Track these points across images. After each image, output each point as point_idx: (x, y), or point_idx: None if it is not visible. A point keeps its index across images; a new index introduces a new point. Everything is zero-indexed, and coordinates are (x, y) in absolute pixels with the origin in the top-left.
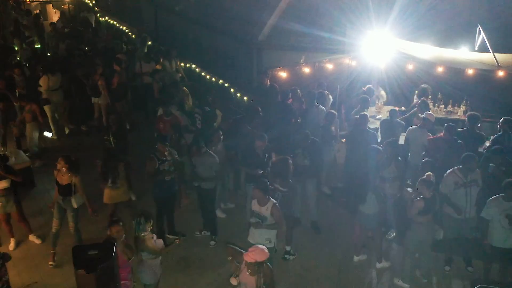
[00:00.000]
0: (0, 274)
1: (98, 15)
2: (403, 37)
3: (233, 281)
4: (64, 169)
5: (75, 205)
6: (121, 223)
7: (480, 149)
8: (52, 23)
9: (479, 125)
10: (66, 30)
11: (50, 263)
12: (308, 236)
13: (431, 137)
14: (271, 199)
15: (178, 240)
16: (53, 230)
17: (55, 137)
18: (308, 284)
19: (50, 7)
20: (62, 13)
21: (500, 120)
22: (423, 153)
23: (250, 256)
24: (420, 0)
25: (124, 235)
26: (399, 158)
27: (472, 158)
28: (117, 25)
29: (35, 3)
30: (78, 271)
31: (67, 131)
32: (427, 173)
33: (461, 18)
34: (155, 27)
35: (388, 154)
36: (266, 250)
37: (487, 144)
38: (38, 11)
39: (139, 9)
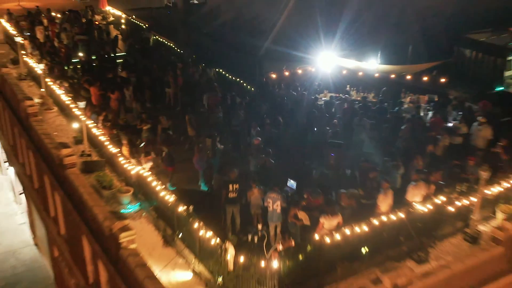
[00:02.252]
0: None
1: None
2: (340, 55)
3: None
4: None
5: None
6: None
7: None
8: (129, 42)
9: (367, 99)
10: (136, 46)
11: None
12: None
13: (345, 107)
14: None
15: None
16: None
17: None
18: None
19: (111, 27)
20: (129, 33)
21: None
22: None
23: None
24: (348, 32)
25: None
26: (327, 115)
27: (362, 114)
28: (166, 42)
29: (102, 24)
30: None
31: None
32: (335, 121)
33: (371, 43)
34: (187, 43)
35: (322, 114)
36: None
37: None
38: None
39: (175, 30)
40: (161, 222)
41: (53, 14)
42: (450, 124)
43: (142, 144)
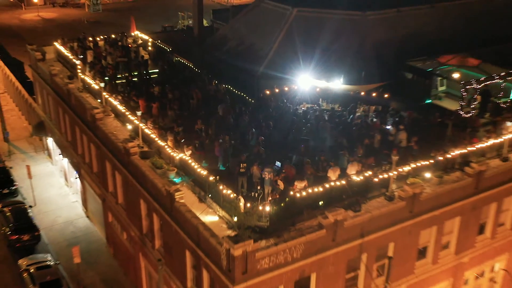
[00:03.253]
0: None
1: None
2: (315, 77)
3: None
4: (201, 123)
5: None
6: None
7: None
8: (160, 64)
9: (334, 109)
10: (165, 67)
11: None
12: None
13: (317, 114)
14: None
15: None
16: None
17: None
18: None
19: (141, 49)
20: (156, 54)
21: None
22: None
23: None
24: (320, 60)
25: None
26: (304, 121)
27: (325, 119)
28: (187, 63)
29: (134, 46)
30: None
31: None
32: (308, 125)
33: (337, 68)
34: (201, 63)
35: (300, 120)
36: None
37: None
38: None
39: (191, 52)
40: (196, 188)
41: (93, 38)
42: (389, 127)
43: (182, 140)
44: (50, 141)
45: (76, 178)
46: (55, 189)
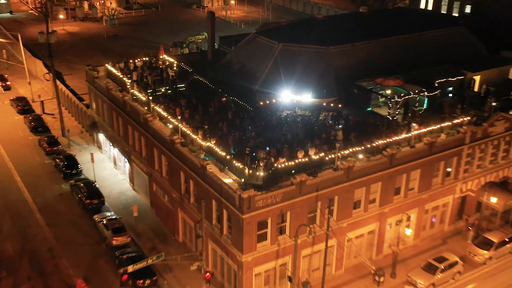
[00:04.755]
0: None
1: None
2: (292, 93)
3: None
4: (221, 123)
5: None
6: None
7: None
8: (186, 82)
9: (305, 114)
10: (189, 84)
11: None
12: None
13: (293, 118)
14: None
15: None
16: None
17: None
18: None
19: (169, 69)
20: (180, 74)
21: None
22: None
23: None
24: (297, 81)
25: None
26: (284, 122)
27: (298, 121)
28: (204, 81)
29: (163, 67)
30: None
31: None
32: (286, 125)
33: (307, 87)
34: (215, 81)
35: (281, 122)
36: None
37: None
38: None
39: (206, 72)
40: (218, 163)
41: (133, 60)
42: (337, 127)
43: (207, 135)
44: (100, 136)
45: (125, 162)
46: (106, 170)
